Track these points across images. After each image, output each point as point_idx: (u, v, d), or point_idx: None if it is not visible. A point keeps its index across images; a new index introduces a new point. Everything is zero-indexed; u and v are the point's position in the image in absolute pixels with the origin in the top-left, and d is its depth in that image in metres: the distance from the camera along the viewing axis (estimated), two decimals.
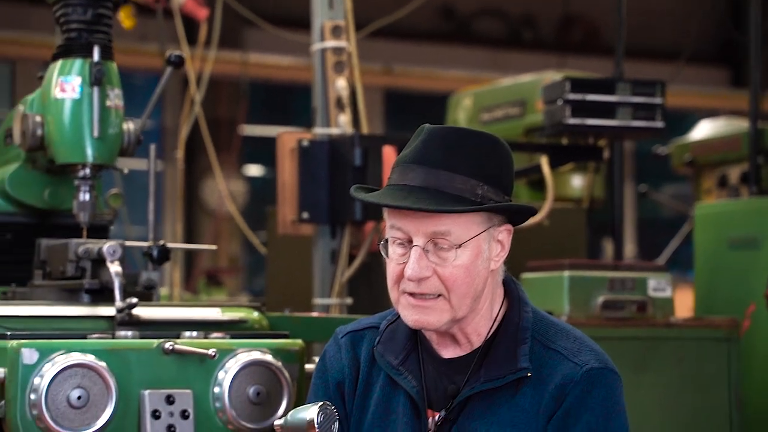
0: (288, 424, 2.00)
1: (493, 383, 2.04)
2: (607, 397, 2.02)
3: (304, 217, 3.72)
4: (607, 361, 2.06)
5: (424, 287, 2.01)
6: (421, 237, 2.01)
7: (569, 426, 1.99)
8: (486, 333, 2.09)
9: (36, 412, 2.37)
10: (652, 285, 3.49)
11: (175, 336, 2.57)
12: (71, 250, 2.78)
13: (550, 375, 2.03)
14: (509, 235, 2.09)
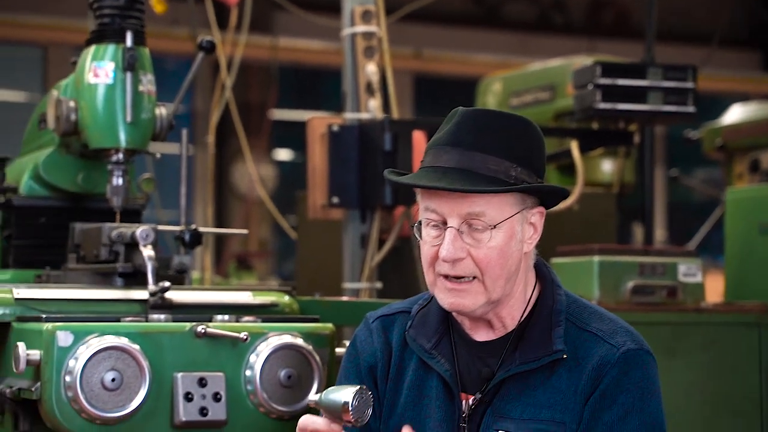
0: (322, 403, 1.99)
1: (528, 365, 2.05)
2: (643, 378, 2.03)
3: (334, 202, 3.74)
4: (643, 342, 2.07)
5: (459, 269, 2.03)
6: (456, 218, 2.02)
7: (605, 407, 2.01)
8: (520, 316, 2.10)
9: (71, 393, 2.40)
10: (683, 270, 3.48)
11: (207, 319, 2.60)
12: (104, 234, 2.81)
13: (586, 357, 2.04)
14: (542, 218, 2.10)
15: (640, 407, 2.01)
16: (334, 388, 1.99)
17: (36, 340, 2.44)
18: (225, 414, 2.51)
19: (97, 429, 2.42)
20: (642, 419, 2.01)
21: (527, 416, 2.03)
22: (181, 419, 2.48)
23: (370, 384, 2.15)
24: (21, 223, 3.07)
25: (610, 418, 2.00)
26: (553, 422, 2.02)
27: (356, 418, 1.96)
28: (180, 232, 2.99)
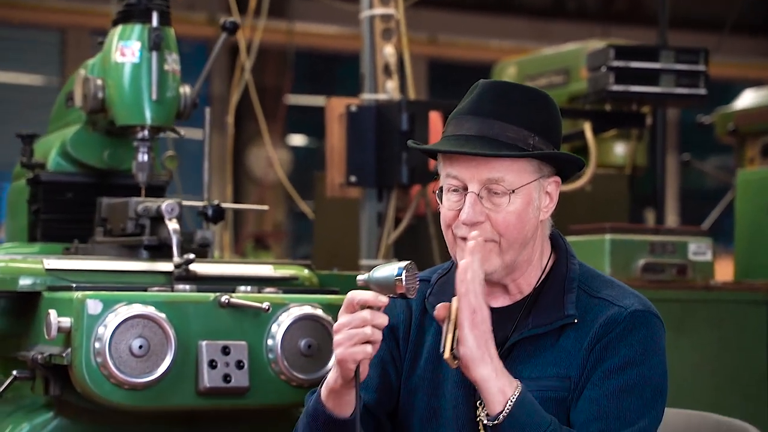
0: (372, 279, 2.04)
1: (540, 329, 2.14)
2: (648, 336, 2.12)
3: (351, 181, 3.82)
4: (651, 306, 2.16)
5: (478, 232, 2.11)
6: (476, 183, 2.11)
7: (606, 357, 2.09)
8: (535, 283, 2.19)
9: (100, 359, 2.49)
10: (693, 249, 3.56)
11: (231, 290, 2.68)
12: (131, 208, 2.90)
13: (594, 319, 2.13)
14: (557, 188, 2.19)
15: (641, 361, 2.10)
16: (380, 266, 2.06)
17: (66, 308, 2.53)
18: (248, 381, 2.60)
19: (124, 394, 2.51)
20: (641, 372, 2.09)
21: (535, 375, 2.13)
22: (205, 385, 2.57)
23: (392, 343, 2.23)
24: (49, 198, 3.16)
25: (609, 367, 2.09)
26: (558, 377, 2.11)
27: (407, 288, 2.02)
28: (203, 207, 3.08)
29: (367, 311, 2.03)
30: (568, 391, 2.11)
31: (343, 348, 2.03)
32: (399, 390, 2.23)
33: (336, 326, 2.05)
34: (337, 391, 2.08)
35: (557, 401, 2.11)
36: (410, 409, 2.21)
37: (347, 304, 2.05)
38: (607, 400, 2.07)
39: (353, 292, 2.06)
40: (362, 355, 2.02)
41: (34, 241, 3.18)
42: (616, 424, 2.06)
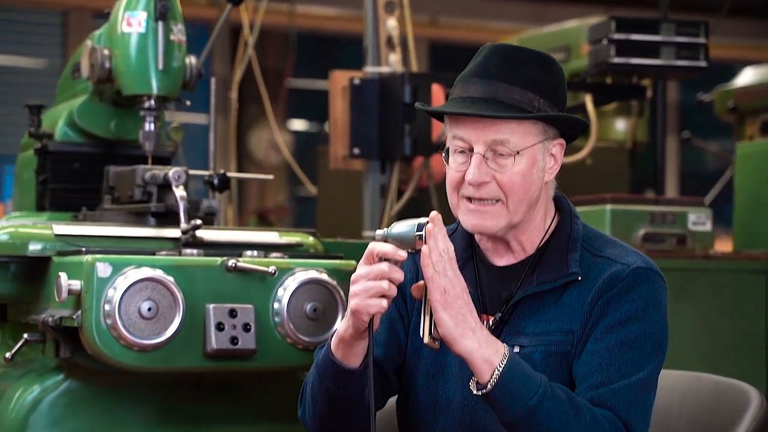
0: (391, 234, 2.07)
1: (544, 286, 2.18)
2: (650, 293, 2.16)
3: (355, 153, 3.86)
4: (653, 264, 2.20)
5: (483, 192, 2.16)
6: (482, 145, 2.15)
7: (608, 313, 2.14)
8: (539, 242, 2.24)
9: (110, 321, 2.53)
10: (692, 219, 3.60)
11: (237, 255, 2.73)
12: (138, 175, 2.94)
13: (597, 277, 2.18)
14: (562, 150, 2.23)
15: (642, 316, 2.14)
16: (399, 221, 2.09)
17: (76, 271, 2.57)
18: (254, 343, 2.65)
19: (134, 355, 2.56)
20: (642, 327, 2.14)
21: (539, 331, 2.17)
22: (213, 347, 2.61)
23: (399, 300, 2.27)
24: (56, 167, 3.20)
25: (611, 321, 2.14)
26: (561, 332, 2.16)
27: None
28: (209, 176, 3.12)
29: (386, 264, 2.06)
30: (571, 345, 2.15)
31: (359, 299, 2.06)
32: (406, 347, 2.28)
33: (354, 277, 2.09)
34: (347, 342, 2.12)
35: (560, 355, 2.15)
36: (416, 366, 2.25)
37: (367, 255, 2.08)
38: (608, 353, 2.12)
39: (373, 244, 2.09)
40: (376, 309, 2.06)
41: (42, 211, 3.22)
42: (617, 376, 2.10)
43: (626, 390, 2.10)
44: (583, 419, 2.04)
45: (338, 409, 2.19)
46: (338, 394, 2.15)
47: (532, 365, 2.14)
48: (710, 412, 2.44)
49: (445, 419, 2.20)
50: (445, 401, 2.21)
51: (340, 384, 2.15)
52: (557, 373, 2.16)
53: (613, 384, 2.10)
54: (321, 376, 2.16)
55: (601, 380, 2.11)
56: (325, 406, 2.19)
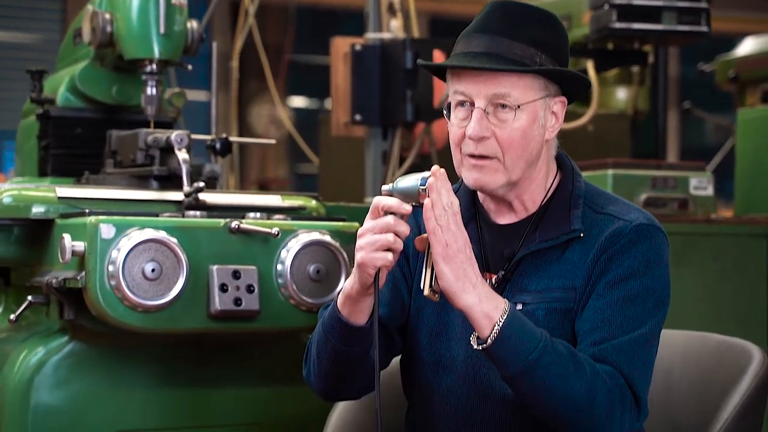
0: (397, 189, 2.08)
1: (546, 243, 2.18)
2: (651, 249, 2.17)
3: (356, 119, 3.86)
4: (655, 220, 2.21)
5: (483, 148, 2.16)
6: (482, 99, 2.15)
7: (610, 269, 2.14)
8: (541, 200, 2.24)
9: (114, 282, 2.54)
10: (694, 183, 3.61)
11: (241, 217, 2.73)
12: (141, 139, 2.94)
13: (600, 233, 2.18)
14: (563, 108, 2.23)
15: (643, 272, 2.15)
16: (405, 176, 2.10)
17: (80, 233, 2.58)
18: (258, 305, 2.65)
19: (138, 316, 2.57)
20: (644, 283, 2.14)
21: (541, 287, 2.18)
22: (216, 308, 2.62)
23: (402, 260, 2.28)
24: (58, 133, 3.20)
25: (613, 278, 2.14)
26: (563, 289, 2.16)
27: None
28: (211, 140, 3.12)
29: (391, 217, 2.06)
30: (573, 302, 2.16)
31: (364, 252, 2.06)
32: (410, 306, 2.28)
33: (360, 231, 2.09)
34: (353, 298, 2.12)
35: (563, 312, 2.16)
36: (420, 325, 2.26)
37: (373, 209, 2.08)
38: (610, 309, 2.12)
39: (378, 198, 2.09)
40: (382, 262, 2.06)
41: (44, 176, 3.22)
42: (619, 332, 2.11)
43: (628, 345, 2.11)
44: (584, 374, 2.05)
45: (344, 367, 2.19)
46: (344, 351, 2.16)
47: (534, 322, 2.14)
48: (712, 370, 2.45)
49: (449, 377, 2.21)
50: (449, 359, 2.22)
51: (346, 341, 2.15)
52: (560, 329, 2.16)
53: (615, 340, 2.11)
54: (327, 334, 2.16)
55: (603, 336, 2.11)
56: (331, 365, 2.20)
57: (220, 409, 2.79)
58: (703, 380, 2.45)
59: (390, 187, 2.10)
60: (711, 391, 2.41)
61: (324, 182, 4.86)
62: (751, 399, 2.32)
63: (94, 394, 2.69)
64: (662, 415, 2.45)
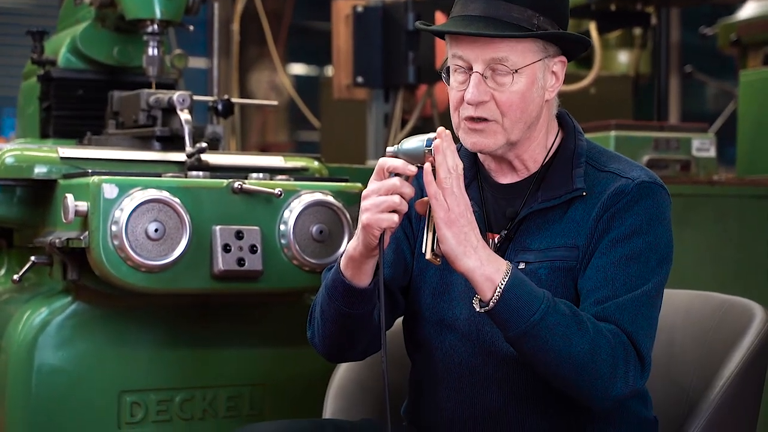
0: (402, 150, 2.07)
1: (549, 202, 2.18)
2: (654, 206, 2.16)
3: (358, 82, 3.85)
4: (657, 178, 2.20)
5: (482, 111, 2.15)
6: (481, 63, 2.14)
7: (613, 227, 2.14)
8: (542, 160, 2.23)
9: (117, 242, 2.54)
10: (696, 145, 3.61)
11: (243, 177, 2.73)
12: (143, 99, 2.94)
13: (603, 191, 2.17)
14: (563, 68, 2.21)
15: (646, 230, 2.14)
16: (410, 137, 2.09)
17: (83, 193, 2.57)
18: (261, 265, 2.66)
19: (141, 276, 2.57)
20: (646, 240, 2.14)
21: (544, 246, 2.18)
22: (220, 268, 2.62)
23: (405, 220, 2.28)
24: (59, 94, 3.19)
25: (616, 236, 2.14)
26: (566, 247, 2.16)
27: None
28: (213, 101, 3.11)
29: (396, 178, 2.06)
30: (576, 261, 2.16)
31: (369, 214, 2.06)
32: (412, 267, 2.29)
33: (365, 192, 2.08)
34: (357, 260, 2.12)
35: (565, 270, 2.16)
36: (423, 285, 2.26)
37: (377, 170, 2.08)
38: (613, 267, 2.12)
39: (384, 159, 2.08)
40: (387, 223, 2.05)
41: (46, 138, 3.22)
42: (622, 290, 2.11)
43: (631, 303, 2.11)
44: (587, 333, 2.05)
45: (348, 329, 2.19)
46: (348, 313, 2.16)
47: (537, 281, 2.15)
48: (714, 329, 2.45)
49: (452, 336, 2.22)
50: (452, 318, 2.22)
51: (349, 303, 2.15)
52: (562, 288, 2.16)
53: (618, 298, 2.11)
54: (330, 296, 2.16)
55: (606, 295, 2.11)
56: (335, 326, 2.20)
57: (224, 370, 2.80)
58: (705, 339, 2.46)
59: (395, 149, 2.09)
60: (713, 349, 2.41)
61: (325, 146, 4.86)
62: (753, 357, 2.32)
63: (98, 354, 2.70)
64: (664, 374, 2.46)
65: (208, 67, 3.27)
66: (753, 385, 2.35)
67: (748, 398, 2.33)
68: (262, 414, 2.83)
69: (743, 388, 2.30)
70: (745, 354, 2.32)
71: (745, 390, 2.31)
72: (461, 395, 2.20)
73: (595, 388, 2.06)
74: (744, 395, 2.31)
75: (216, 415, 2.80)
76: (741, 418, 2.33)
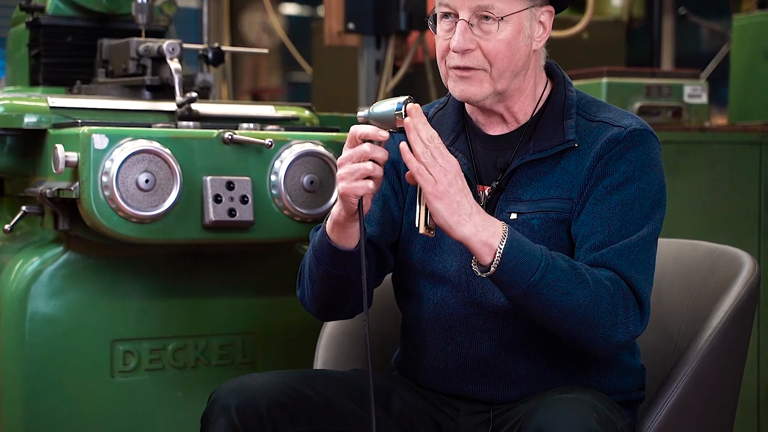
0: (372, 115, 2.07)
1: (541, 153, 2.18)
2: (646, 153, 2.17)
3: (349, 28, 3.83)
4: (648, 126, 2.21)
5: (468, 60, 2.14)
6: (466, 11, 2.13)
7: (606, 174, 2.15)
8: (532, 111, 2.23)
9: (108, 193, 2.54)
10: (688, 91, 3.60)
11: (234, 128, 2.72)
12: (132, 48, 2.92)
13: (595, 141, 2.18)
14: (551, 17, 2.20)
15: (639, 176, 2.15)
16: (380, 101, 2.08)
17: (73, 143, 2.57)
18: (252, 215, 2.66)
19: (132, 227, 2.57)
20: (640, 186, 2.15)
21: (537, 197, 2.18)
22: (211, 219, 2.62)
23: (393, 176, 2.28)
24: (48, 41, 3.16)
25: (610, 183, 2.14)
26: (560, 199, 2.17)
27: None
28: (203, 49, 3.10)
29: (368, 145, 2.05)
30: (569, 212, 2.16)
31: (345, 182, 2.06)
32: (401, 223, 2.29)
33: (339, 160, 2.08)
34: (341, 224, 2.12)
35: (558, 222, 2.17)
36: (412, 240, 2.27)
37: (350, 138, 2.07)
38: (609, 213, 2.13)
39: (355, 126, 2.08)
40: (363, 191, 2.05)
41: (35, 85, 3.20)
42: (618, 236, 2.12)
43: (627, 249, 2.11)
44: (587, 285, 2.06)
45: (336, 289, 2.20)
46: (335, 274, 2.17)
47: (530, 231, 2.15)
48: (703, 277, 2.46)
49: (442, 288, 2.23)
50: (442, 271, 2.23)
51: (337, 265, 2.16)
52: (555, 239, 2.17)
53: (615, 244, 2.11)
54: (318, 258, 2.17)
55: (602, 240, 2.12)
56: (324, 287, 2.20)
57: (216, 319, 2.82)
58: (693, 288, 2.47)
59: (366, 113, 2.08)
60: (701, 299, 2.43)
61: (317, 92, 4.84)
62: (740, 307, 2.33)
63: (90, 303, 2.71)
64: (652, 323, 2.47)
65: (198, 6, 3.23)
66: (740, 334, 2.36)
67: (734, 348, 2.35)
68: (254, 362, 2.86)
69: (730, 337, 2.32)
70: (732, 303, 2.33)
71: (732, 339, 2.32)
72: (452, 345, 2.22)
73: (598, 337, 2.07)
74: (731, 345, 2.33)
75: (209, 364, 2.82)
76: (728, 368, 2.35)
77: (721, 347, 2.27)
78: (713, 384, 2.31)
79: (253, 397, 2.11)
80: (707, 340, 2.29)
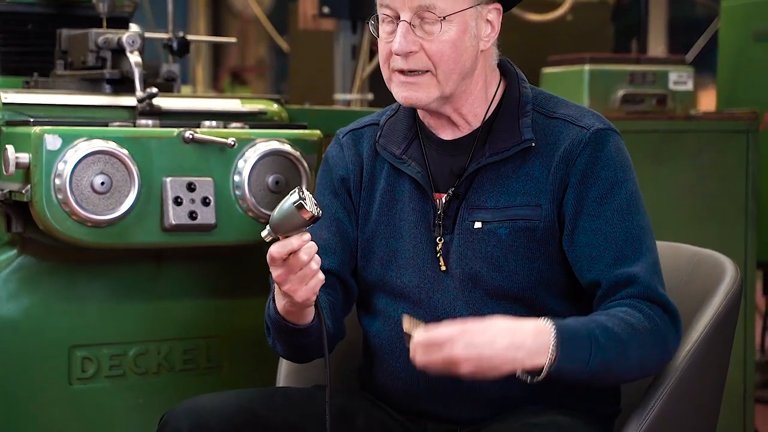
0: (275, 220, 1.92)
1: (499, 155, 2.08)
2: (618, 153, 2.08)
3: (324, 12, 3.71)
4: (610, 124, 2.11)
5: (412, 63, 2.04)
6: (407, 12, 2.02)
7: (590, 185, 2.05)
8: (484, 113, 2.12)
9: (61, 196, 2.43)
10: (673, 78, 3.49)
11: (195, 125, 2.61)
12: (91, 39, 2.79)
13: (557, 141, 2.07)
14: (499, 15, 2.10)
15: (622, 179, 2.06)
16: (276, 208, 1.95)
17: (25, 143, 2.45)
18: (214, 218, 2.55)
19: (87, 231, 2.46)
20: (627, 188, 2.06)
21: (502, 204, 2.07)
22: (171, 222, 2.51)
23: (344, 195, 2.19)
24: (7, 29, 3.04)
25: (597, 193, 2.05)
26: (528, 206, 2.07)
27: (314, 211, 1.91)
28: (167, 39, 2.97)
29: (301, 252, 1.91)
30: (539, 220, 2.07)
31: (301, 291, 1.94)
32: (358, 241, 2.19)
33: (277, 278, 1.94)
34: (295, 312, 2.03)
35: (528, 231, 2.07)
36: (370, 255, 2.18)
37: (275, 262, 1.93)
38: (609, 226, 2.04)
39: (271, 250, 1.93)
40: (319, 283, 1.95)
41: None
42: (624, 245, 2.04)
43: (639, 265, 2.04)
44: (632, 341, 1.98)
45: (306, 347, 2.11)
46: (299, 342, 2.09)
47: (497, 241, 2.06)
48: (685, 282, 2.39)
49: (403, 305, 2.13)
50: (401, 287, 2.14)
51: (297, 338, 2.07)
52: (524, 249, 2.07)
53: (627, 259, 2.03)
54: (278, 332, 2.08)
55: (614, 256, 2.03)
56: (289, 349, 2.13)
57: (179, 323, 2.72)
58: (675, 292, 2.37)
59: (267, 230, 1.94)
60: (682, 307, 2.33)
61: (295, 74, 4.72)
62: (723, 315, 2.25)
63: (47, 308, 2.60)
64: None
65: None
66: (722, 343, 2.29)
67: (714, 361, 2.27)
68: (219, 367, 2.76)
69: (711, 350, 2.23)
70: (714, 313, 2.25)
71: (712, 352, 2.24)
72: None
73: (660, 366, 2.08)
74: (711, 358, 2.25)
75: (172, 369, 2.72)
76: (708, 380, 2.27)
77: (698, 365, 2.19)
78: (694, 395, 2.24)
79: (206, 419, 2.02)
80: (687, 354, 2.20)
